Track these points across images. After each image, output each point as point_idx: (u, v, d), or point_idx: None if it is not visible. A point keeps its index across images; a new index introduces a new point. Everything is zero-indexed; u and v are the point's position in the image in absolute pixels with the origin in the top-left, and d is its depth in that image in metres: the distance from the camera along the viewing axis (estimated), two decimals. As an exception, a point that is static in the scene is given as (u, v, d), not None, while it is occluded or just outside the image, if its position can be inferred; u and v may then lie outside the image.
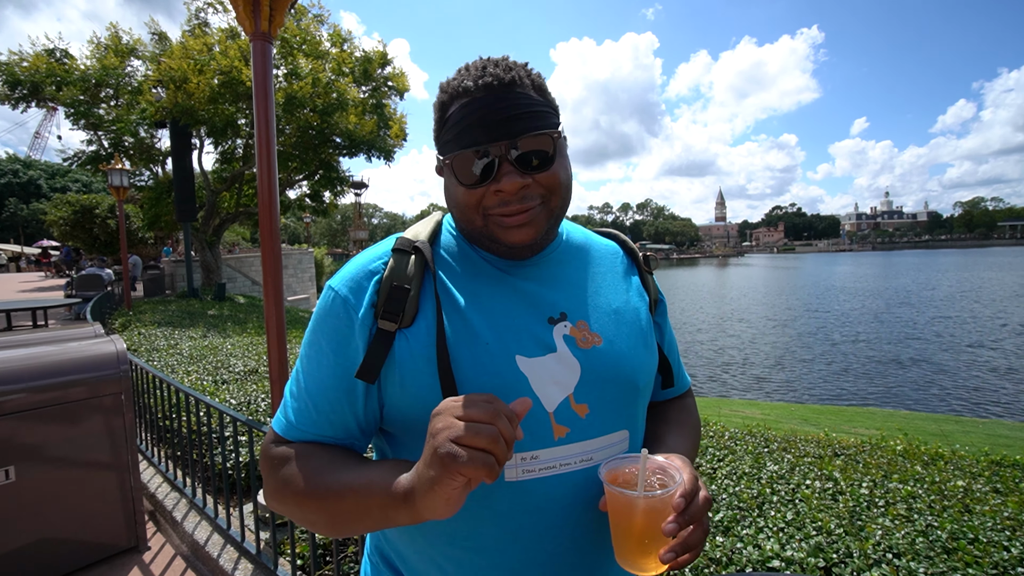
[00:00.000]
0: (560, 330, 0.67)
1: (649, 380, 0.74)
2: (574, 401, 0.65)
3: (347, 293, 0.65)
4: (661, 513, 0.55)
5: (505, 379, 0.63)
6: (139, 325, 7.58)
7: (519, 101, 0.62)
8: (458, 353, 0.62)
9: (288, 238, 64.64)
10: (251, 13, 1.94)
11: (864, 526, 1.99)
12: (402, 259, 0.67)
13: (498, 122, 0.61)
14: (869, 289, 31.28)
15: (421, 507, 0.52)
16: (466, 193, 0.63)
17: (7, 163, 61.56)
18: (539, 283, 0.70)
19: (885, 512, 2.16)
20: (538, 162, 0.63)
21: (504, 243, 0.65)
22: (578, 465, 0.64)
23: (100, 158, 14.06)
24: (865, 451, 3.33)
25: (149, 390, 3.36)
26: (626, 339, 0.71)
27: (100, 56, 13.61)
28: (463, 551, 0.65)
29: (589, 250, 0.78)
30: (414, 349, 0.63)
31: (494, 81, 0.62)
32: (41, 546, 2.25)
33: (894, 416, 7.06)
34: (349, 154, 14.73)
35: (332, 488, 0.60)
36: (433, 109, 0.69)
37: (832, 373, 11.67)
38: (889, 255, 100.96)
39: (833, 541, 1.86)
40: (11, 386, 2.15)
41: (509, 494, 0.63)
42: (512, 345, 0.64)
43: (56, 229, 22.05)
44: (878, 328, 17.18)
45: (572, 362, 0.66)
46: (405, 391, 0.63)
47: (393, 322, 0.63)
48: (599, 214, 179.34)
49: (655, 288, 0.81)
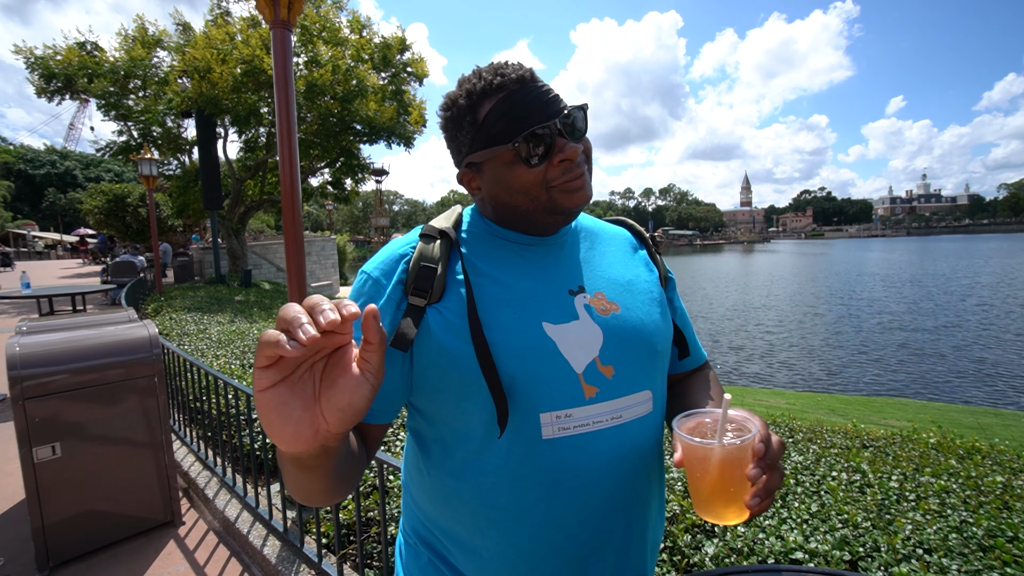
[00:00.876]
0: (580, 300, 0.72)
1: (666, 345, 0.78)
2: (600, 363, 0.69)
3: (378, 275, 0.71)
4: (740, 461, 0.56)
5: (534, 342, 0.67)
6: (170, 310, 7.83)
7: (547, 86, 0.70)
8: (488, 320, 0.67)
9: (311, 225, 65.64)
10: (270, 1, 1.94)
11: (893, 520, 1.94)
12: (429, 243, 0.72)
13: (544, 103, 0.68)
14: (903, 276, 30.00)
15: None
16: (530, 172, 0.68)
17: (45, 154, 63.95)
18: (557, 260, 0.76)
19: (916, 506, 2.10)
20: (580, 132, 0.70)
21: (566, 209, 0.71)
22: (609, 423, 0.68)
23: (130, 148, 14.44)
24: (896, 443, 3.24)
25: (181, 373, 3.48)
26: (641, 306, 0.76)
27: (128, 48, 13.88)
28: (506, 513, 0.68)
29: (599, 233, 0.84)
30: (447, 319, 0.67)
31: (525, 74, 0.69)
32: (86, 518, 2.38)
33: (928, 408, 6.84)
34: (369, 141, 14.78)
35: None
36: (451, 120, 0.73)
37: (862, 362, 11.32)
38: (925, 240, 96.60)
39: (860, 535, 1.82)
40: (56, 367, 2.26)
41: (547, 451, 0.66)
42: (538, 313, 0.69)
43: (91, 218, 22.83)
44: (913, 316, 16.51)
45: (594, 328, 0.71)
46: (441, 359, 0.66)
47: (423, 298, 0.68)
48: (620, 199, 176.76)
49: (663, 266, 0.87)
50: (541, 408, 0.66)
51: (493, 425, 0.66)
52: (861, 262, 44.01)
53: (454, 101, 0.72)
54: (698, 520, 1.88)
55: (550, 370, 0.67)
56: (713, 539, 1.76)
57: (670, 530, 1.82)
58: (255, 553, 2.30)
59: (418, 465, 0.76)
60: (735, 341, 13.97)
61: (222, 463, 2.89)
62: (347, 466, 0.61)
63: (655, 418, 0.74)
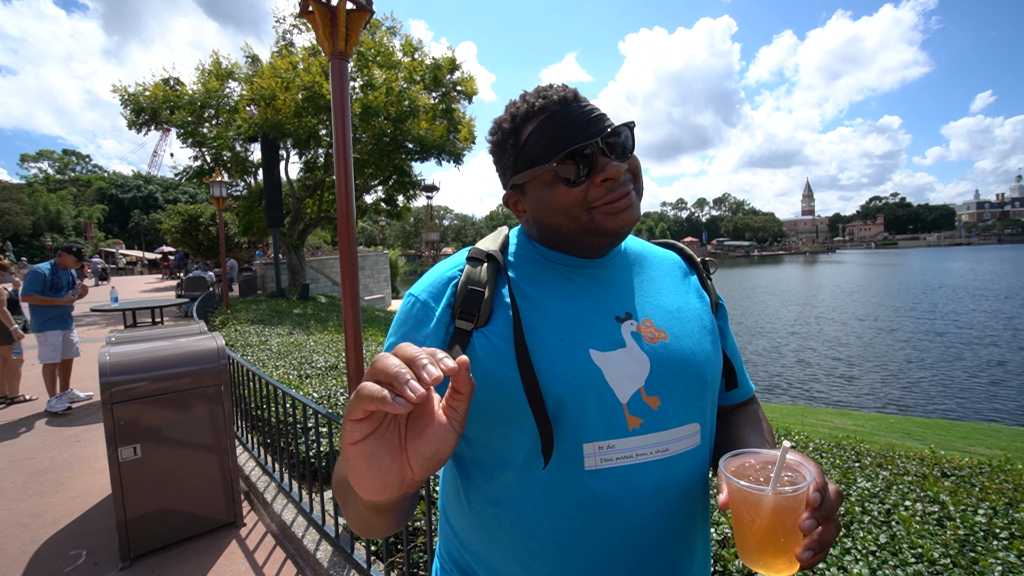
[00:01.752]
0: (628, 327, 0.71)
1: (716, 375, 0.76)
2: (645, 393, 0.67)
3: (427, 298, 0.71)
4: (793, 509, 0.53)
5: (581, 370, 0.66)
6: (235, 322, 8.38)
7: (591, 106, 0.70)
8: (535, 346, 0.66)
9: (364, 241, 68.39)
10: (330, 35, 2.09)
11: (978, 559, 1.76)
12: (476, 266, 0.72)
13: (586, 123, 0.68)
14: (994, 288, 27.07)
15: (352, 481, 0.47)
16: (570, 192, 0.68)
17: (133, 180, 70.73)
18: (604, 285, 0.74)
19: (1009, 546, 1.89)
20: (624, 150, 0.70)
21: (609, 231, 0.69)
22: (654, 456, 0.66)
23: (203, 172, 15.75)
24: (983, 473, 2.93)
25: (243, 382, 3.71)
26: (691, 335, 0.74)
27: (204, 81, 15.21)
28: (546, 543, 0.67)
29: (647, 257, 0.82)
30: (494, 344, 0.67)
31: (568, 95, 0.70)
32: (161, 515, 2.57)
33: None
34: (420, 159, 15.34)
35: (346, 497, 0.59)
36: (496, 144, 0.75)
37: (945, 382, 10.33)
38: (1021, 249, 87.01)
39: (937, 572, 1.66)
40: (137, 375, 2.48)
41: (589, 483, 0.65)
42: (585, 339, 0.68)
43: (169, 236, 24.93)
44: (1008, 333, 14.93)
45: (641, 356, 0.69)
46: (488, 384, 0.66)
47: (469, 322, 0.68)
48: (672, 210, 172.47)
49: (715, 293, 0.83)
50: (584, 438, 0.65)
51: (536, 453, 0.65)
52: (942, 273, 40.24)
53: (499, 125, 0.73)
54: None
55: (595, 399, 0.65)
56: (769, 568, 1.66)
57: (721, 553, 1.74)
58: (309, 556, 2.39)
59: (456, 489, 0.76)
60: (798, 356, 13.18)
61: (280, 469, 3.04)
62: (413, 501, 0.62)
63: (703, 452, 0.72)
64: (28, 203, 44.78)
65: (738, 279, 44.80)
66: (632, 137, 0.71)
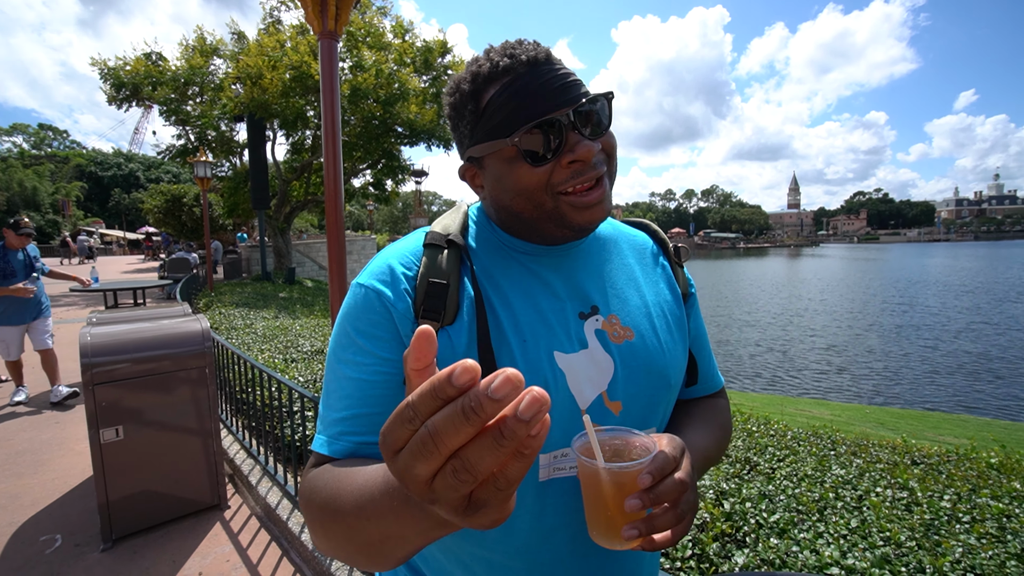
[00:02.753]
0: (592, 325, 0.65)
1: (680, 377, 0.71)
2: (607, 398, 0.63)
3: (381, 287, 0.61)
4: (621, 487, 0.51)
5: (545, 376, 0.60)
6: (219, 305, 8.27)
7: (564, 70, 0.60)
8: (499, 350, 0.60)
9: (352, 225, 67.68)
10: (319, 13, 2.04)
11: (941, 542, 1.84)
12: (436, 254, 0.63)
13: (557, 89, 0.58)
14: (967, 284, 27.92)
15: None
16: (533, 173, 0.59)
17: (113, 157, 68.78)
18: (569, 274, 0.67)
19: (970, 529, 1.98)
20: (600, 126, 0.60)
21: (576, 226, 0.61)
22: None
23: (187, 151, 15.37)
24: (950, 461, 3.05)
25: (228, 365, 3.68)
26: (658, 333, 0.68)
27: (188, 57, 14.78)
28: (494, 553, 0.63)
29: (617, 241, 0.75)
30: (456, 347, 0.59)
31: (539, 55, 0.59)
32: (144, 497, 2.56)
33: (991, 426, 6.37)
34: (410, 143, 15.15)
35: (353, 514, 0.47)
36: (453, 107, 0.64)
37: (917, 374, 10.66)
38: (996, 246, 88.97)
39: (903, 554, 1.74)
40: (119, 356, 2.45)
41: (540, 493, 0.61)
42: (549, 341, 0.62)
43: (151, 216, 24.36)
44: (977, 326, 15.40)
45: (605, 358, 0.63)
46: None
47: (436, 320, 0.59)
48: (661, 201, 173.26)
49: (686, 280, 0.78)
50: (542, 449, 0.58)
51: None
52: (920, 268, 41.31)
53: (457, 86, 0.63)
54: (727, 529, 1.85)
55: (555, 407, 0.59)
56: (744, 549, 1.73)
57: (699, 537, 1.79)
58: (294, 539, 2.41)
59: None
60: (778, 347, 13.45)
61: (265, 452, 3.04)
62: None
63: None
64: (2, 179, 43.31)
65: (724, 270, 45.35)
66: (609, 110, 0.61)
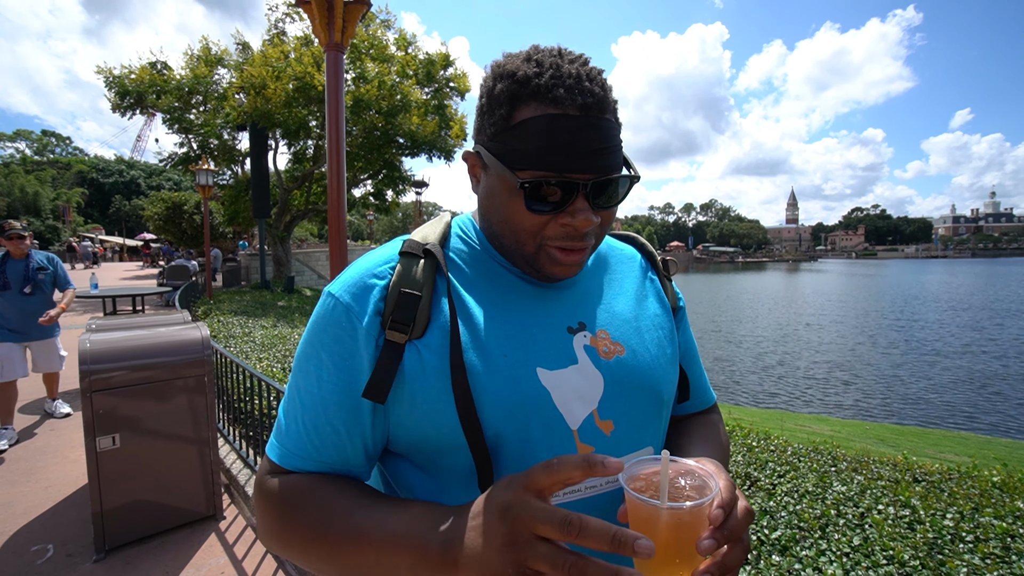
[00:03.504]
0: (580, 340, 0.63)
1: (673, 391, 0.70)
2: (598, 417, 0.60)
3: (349, 300, 0.58)
4: (692, 526, 0.46)
5: (526, 393, 0.57)
6: (219, 313, 8.25)
7: (610, 132, 0.57)
8: (474, 365, 0.57)
9: (352, 234, 67.84)
10: (326, 26, 2.07)
11: (945, 561, 1.82)
12: (411, 263, 0.61)
13: (589, 153, 0.55)
14: (967, 301, 27.97)
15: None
16: (526, 216, 0.57)
17: (115, 164, 69.16)
18: (556, 290, 0.66)
19: (974, 549, 1.97)
20: (610, 202, 0.59)
21: (546, 273, 0.61)
22: (605, 488, 0.58)
23: (189, 159, 15.47)
24: (952, 479, 3.03)
25: (227, 374, 3.66)
26: (649, 349, 0.67)
27: (192, 66, 14.94)
28: None
29: (606, 256, 0.74)
30: (426, 361, 0.56)
31: (592, 100, 0.55)
32: (139, 506, 2.53)
33: (992, 443, 6.33)
34: (411, 154, 15.27)
35: (347, 535, 0.52)
36: (488, 96, 0.60)
37: (917, 391, 10.64)
38: (993, 263, 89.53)
39: (907, 573, 1.72)
40: (116, 364, 2.43)
41: None
42: (532, 356, 0.59)
43: (151, 223, 24.41)
44: (980, 344, 15.39)
45: (594, 374, 0.61)
46: (415, 409, 0.56)
47: (403, 333, 0.57)
48: (660, 214, 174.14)
49: (674, 294, 0.77)
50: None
51: (473, 486, 0.56)
52: (919, 284, 41.44)
53: (497, 85, 0.58)
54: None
55: (542, 427, 0.57)
56: (746, 566, 1.70)
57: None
58: (290, 551, 2.38)
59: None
60: (777, 361, 13.42)
61: (261, 462, 3.00)
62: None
63: None
64: (4, 184, 43.36)
65: (723, 285, 45.44)
66: (626, 190, 0.60)
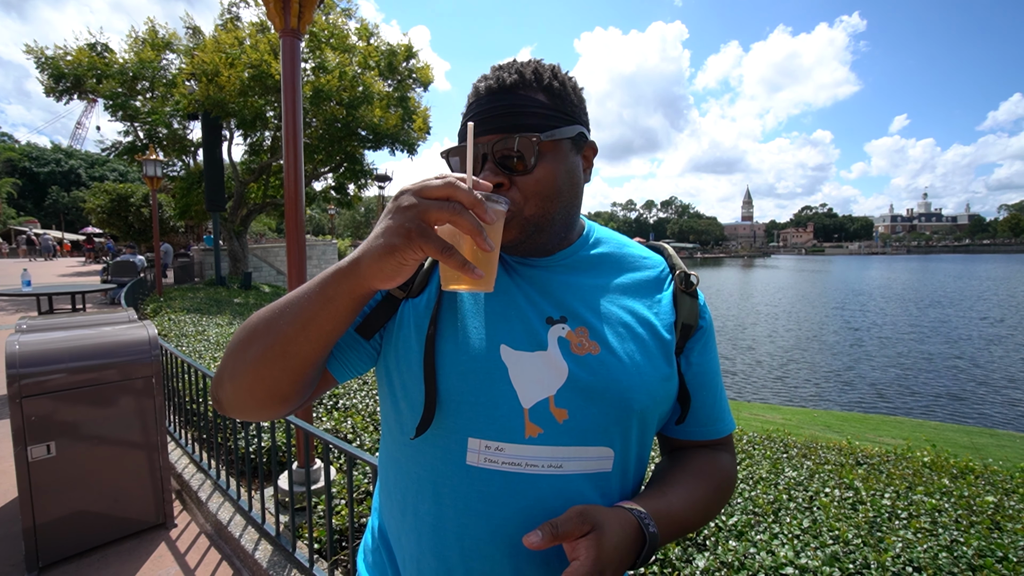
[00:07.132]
0: (556, 331, 0.66)
1: (650, 403, 0.66)
2: (554, 404, 0.63)
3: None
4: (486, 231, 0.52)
5: (483, 364, 0.63)
6: (169, 311, 7.84)
7: (514, 102, 0.64)
8: (446, 330, 0.66)
9: (313, 229, 65.83)
10: (281, 10, 1.98)
11: (884, 538, 1.95)
12: None
13: (486, 119, 0.64)
14: (902, 294, 30.13)
15: (367, 270, 0.52)
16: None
17: (50, 153, 64.26)
18: (548, 284, 0.69)
19: (907, 524, 2.11)
20: (520, 165, 0.63)
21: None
22: (545, 469, 0.62)
23: (136, 149, 14.55)
24: (889, 461, 3.25)
25: (178, 374, 3.49)
26: (628, 354, 0.66)
27: (138, 50, 14.04)
28: (423, 523, 0.67)
29: (622, 260, 0.74)
30: (409, 319, 0.67)
31: (495, 83, 0.65)
32: (78, 518, 2.37)
33: (923, 427, 6.83)
34: (373, 147, 14.90)
35: (281, 302, 0.59)
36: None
37: (859, 379, 11.32)
38: (926, 259, 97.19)
39: (850, 551, 1.83)
40: (52, 366, 2.26)
41: (468, 478, 0.63)
42: (500, 334, 0.65)
43: (94, 217, 22.90)
44: (910, 335, 16.57)
45: (560, 364, 0.64)
46: (397, 355, 0.67)
47: (402, 290, 0.69)
48: (622, 211, 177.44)
49: (693, 312, 0.72)
50: (471, 432, 0.63)
51: (416, 423, 0.65)
52: (861, 280, 44.07)
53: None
54: (689, 535, 1.89)
55: (491, 396, 0.62)
56: (704, 552, 1.77)
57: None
58: (247, 557, 2.29)
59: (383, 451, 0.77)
60: (730, 354, 13.96)
61: (216, 466, 2.88)
62: (317, 371, 0.63)
63: (611, 481, 0.66)
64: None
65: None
66: (536, 151, 0.63)
